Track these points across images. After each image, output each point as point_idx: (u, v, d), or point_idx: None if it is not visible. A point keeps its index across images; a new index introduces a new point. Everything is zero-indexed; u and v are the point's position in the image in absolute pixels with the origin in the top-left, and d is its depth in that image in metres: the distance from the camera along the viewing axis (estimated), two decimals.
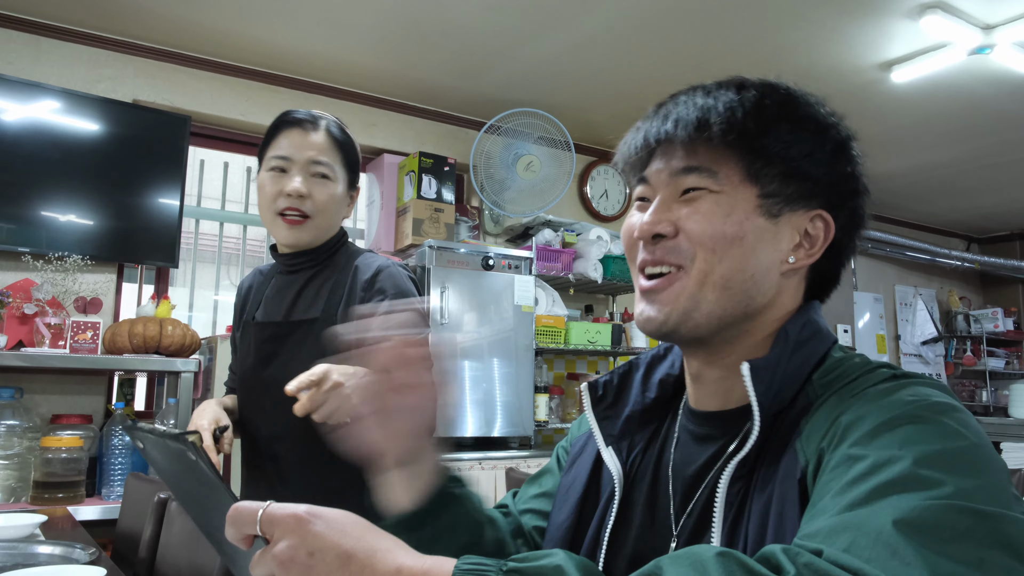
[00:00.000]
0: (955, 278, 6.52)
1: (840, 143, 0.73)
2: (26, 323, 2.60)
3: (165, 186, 3.05)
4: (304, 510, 0.53)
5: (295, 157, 1.41)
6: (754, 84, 0.73)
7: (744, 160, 0.69)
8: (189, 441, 0.62)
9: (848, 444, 0.57)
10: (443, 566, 0.52)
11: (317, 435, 1.40)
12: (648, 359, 0.83)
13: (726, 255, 0.68)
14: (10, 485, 2.41)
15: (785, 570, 0.47)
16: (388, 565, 0.52)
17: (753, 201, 0.69)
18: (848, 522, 0.49)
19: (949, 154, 4.50)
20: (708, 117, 0.69)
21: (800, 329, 0.69)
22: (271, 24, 3.02)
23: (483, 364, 3.36)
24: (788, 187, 0.70)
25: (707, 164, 0.70)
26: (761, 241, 0.69)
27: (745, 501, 0.65)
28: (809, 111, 0.72)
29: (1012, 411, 5.37)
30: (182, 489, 0.74)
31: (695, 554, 0.49)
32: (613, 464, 0.77)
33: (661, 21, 2.96)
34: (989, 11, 2.87)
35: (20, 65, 2.91)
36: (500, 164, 3.77)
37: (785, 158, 0.69)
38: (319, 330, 1.40)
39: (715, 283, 0.69)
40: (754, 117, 0.69)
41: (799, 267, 0.71)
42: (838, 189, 0.72)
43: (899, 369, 0.66)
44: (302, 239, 1.44)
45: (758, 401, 0.65)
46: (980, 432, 0.56)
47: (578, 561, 0.52)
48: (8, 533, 1.57)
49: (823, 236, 0.71)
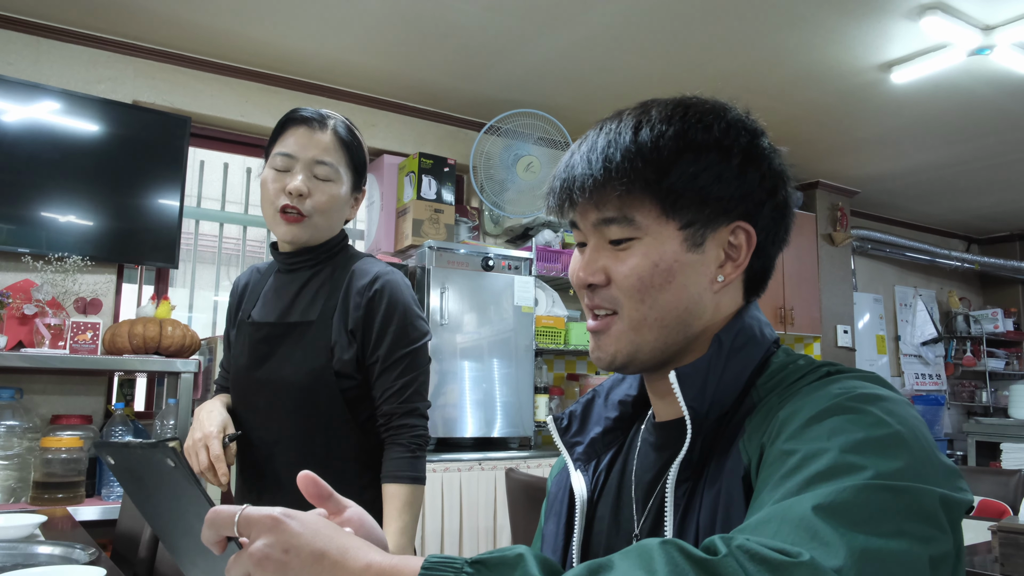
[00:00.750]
0: (955, 279, 6.52)
1: (746, 151, 0.72)
2: (26, 324, 2.60)
3: (165, 187, 3.05)
4: (280, 511, 0.55)
5: (299, 156, 1.41)
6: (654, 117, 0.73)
7: (655, 199, 0.71)
8: (169, 448, 0.62)
9: (783, 439, 0.60)
10: (411, 563, 0.54)
11: (313, 437, 1.40)
12: (608, 385, 0.88)
13: (657, 301, 0.71)
14: (10, 485, 2.41)
15: (720, 551, 0.50)
16: (358, 562, 0.54)
17: (676, 236, 0.71)
18: (775, 513, 0.53)
19: (949, 154, 4.51)
20: (610, 172, 0.70)
21: (734, 337, 0.72)
22: (271, 24, 3.02)
23: (483, 364, 3.36)
24: (704, 211, 0.71)
25: (622, 213, 0.71)
26: (691, 275, 0.72)
27: (693, 500, 0.69)
28: (709, 135, 0.72)
29: (1012, 411, 5.36)
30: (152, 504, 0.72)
31: (641, 546, 0.52)
32: (579, 486, 0.82)
33: (661, 21, 2.96)
34: (989, 12, 2.87)
35: (20, 66, 2.91)
36: (500, 165, 3.77)
37: (692, 189, 0.70)
38: (314, 332, 1.39)
39: (651, 325, 0.72)
40: (653, 163, 0.70)
41: (728, 283, 0.74)
42: (753, 197, 0.73)
43: (838, 366, 0.69)
44: (300, 237, 1.43)
45: (688, 405, 0.69)
46: (907, 418, 0.59)
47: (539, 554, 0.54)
48: (8, 533, 1.57)
49: (746, 245, 0.73)
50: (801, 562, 0.48)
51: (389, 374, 1.38)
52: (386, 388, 1.38)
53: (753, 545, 0.50)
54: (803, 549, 0.49)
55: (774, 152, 0.75)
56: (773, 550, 0.49)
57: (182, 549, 0.70)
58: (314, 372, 1.37)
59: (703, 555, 0.50)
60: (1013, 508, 2.17)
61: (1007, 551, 1.51)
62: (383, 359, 1.38)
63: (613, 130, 0.74)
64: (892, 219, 5.98)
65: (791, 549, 0.49)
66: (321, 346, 1.38)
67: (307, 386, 1.37)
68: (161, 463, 0.63)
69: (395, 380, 1.38)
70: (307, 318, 1.41)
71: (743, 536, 0.52)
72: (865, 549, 0.49)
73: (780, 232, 0.76)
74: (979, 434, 5.31)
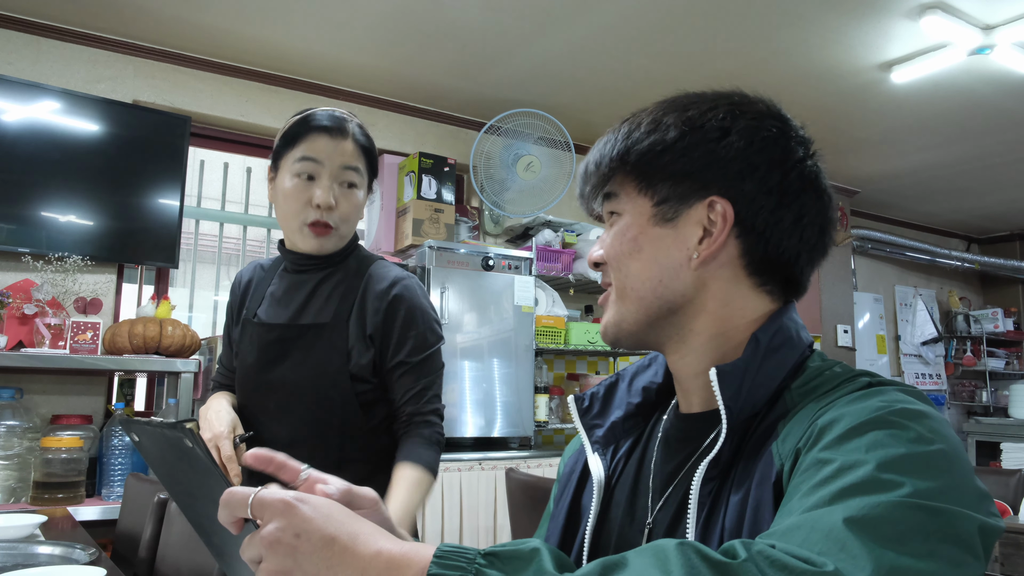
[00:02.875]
0: (955, 278, 6.52)
1: (722, 128, 0.73)
2: (26, 323, 2.60)
3: (165, 186, 3.05)
4: (292, 495, 0.56)
5: (326, 163, 1.37)
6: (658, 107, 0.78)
7: (634, 176, 0.76)
8: (187, 428, 0.64)
9: (820, 448, 0.60)
10: (422, 551, 0.54)
11: (326, 438, 1.39)
12: (633, 370, 0.88)
13: (629, 270, 0.76)
14: (10, 485, 2.41)
15: (739, 555, 0.49)
16: (369, 548, 0.54)
17: (648, 212, 0.75)
18: (804, 521, 0.52)
19: (949, 154, 4.50)
20: (603, 153, 0.78)
21: (771, 336, 0.71)
22: (271, 24, 3.02)
23: (483, 364, 3.36)
24: (679, 188, 0.74)
25: (611, 189, 0.78)
26: (660, 248, 0.75)
27: (718, 501, 0.68)
28: (681, 115, 0.74)
29: (1012, 411, 5.37)
30: (175, 481, 0.75)
31: (657, 545, 0.52)
32: (596, 468, 0.81)
33: (661, 21, 2.96)
34: (989, 11, 2.87)
35: (20, 65, 2.91)
36: (500, 165, 3.77)
37: (659, 164, 0.74)
38: (328, 335, 1.38)
39: (627, 295, 0.76)
40: (627, 143, 0.76)
41: (707, 256, 0.73)
42: (724, 171, 0.73)
43: (878, 377, 0.68)
44: (327, 248, 1.42)
45: (725, 405, 0.68)
46: (948, 438, 0.58)
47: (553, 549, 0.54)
48: (8, 533, 1.57)
49: (721, 221, 0.73)
50: (825, 572, 0.47)
51: (410, 376, 1.39)
52: (407, 389, 1.39)
53: (775, 553, 0.49)
54: (828, 560, 0.48)
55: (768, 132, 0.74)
56: (796, 558, 0.48)
57: (205, 526, 0.72)
58: (329, 375, 1.36)
59: (721, 558, 0.49)
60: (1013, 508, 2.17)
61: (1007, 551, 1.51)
62: (404, 362, 1.39)
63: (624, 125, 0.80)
64: (892, 219, 5.98)
65: (816, 559, 0.48)
66: (337, 349, 1.37)
67: (322, 389, 1.36)
68: (179, 442, 0.65)
69: (416, 381, 1.39)
70: (320, 320, 1.40)
71: (766, 542, 0.51)
72: (893, 567, 0.48)
73: (782, 216, 0.73)
74: (979, 434, 5.32)
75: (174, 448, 0.67)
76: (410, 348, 1.39)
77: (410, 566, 0.53)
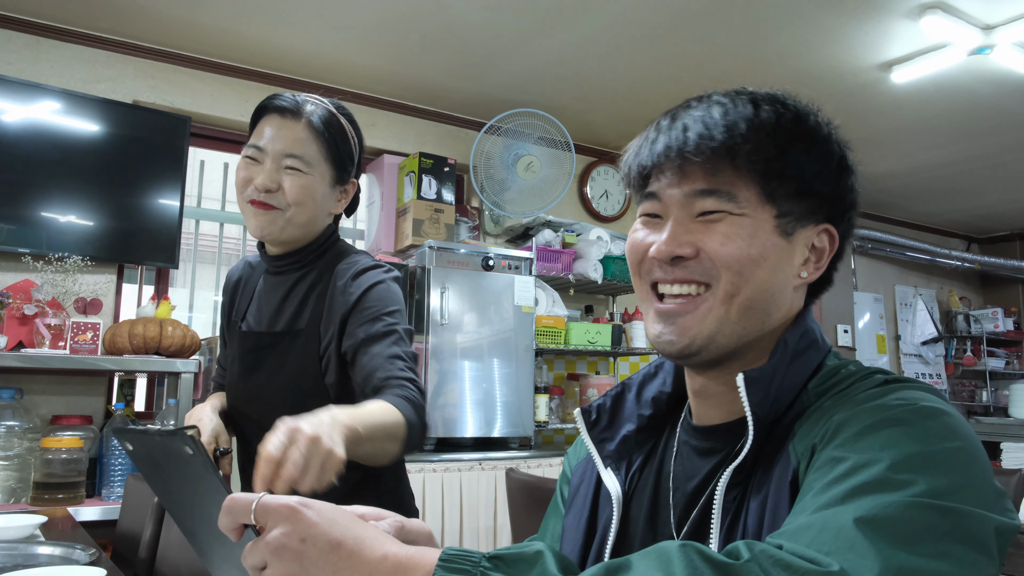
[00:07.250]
0: (955, 278, 6.52)
1: (842, 157, 0.75)
2: (26, 324, 2.60)
3: (165, 187, 3.05)
4: (297, 500, 0.56)
5: (268, 148, 1.33)
6: (764, 98, 0.73)
7: (762, 181, 0.70)
8: (188, 436, 0.62)
9: (834, 445, 0.59)
10: (427, 555, 0.54)
11: None
12: (639, 379, 0.85)
13: (752, 277, 0.69)
14: (10, 486, 2.41)
15: (742, 556, 0.49)
16: (375, 552, 0.54)
17: (771, 222, 0.70)
18: (815, 521, 0.52)
19: (949, 154, 4.50)
20: (734, 141, 0.69)
21: (799, 339, 0.71)
22: (271, 24, 3.02)
23: (483, 364, 3.35)
24: (800, 205, 0.71)
25: (727, 187, 0.70)
26: (780, 260, 0.71)
27: (742, 506, 0.67)
28: (818, 129, 0.74)
29: (1012, 411, 5.37)
30: (169, 490, 0.73)
31: (660, 547, 0.52)
32: (612, 485, 0.79)
33: (661, 21, 2.96)
34: (989, 11, 2.87)
35: (20, 65, 2.91)
36: (500, 165, 3.77)
37: (799, 178, 0.71)
38: (304, 342, 1.34)
39: (740, 304, 0.70)
40: (775, 139, 0.70)
41: (810, 281, 0.74)
42: (842, 203, 0.74)
43: (893, 374, 0.67)
44: (272, 232, 1.34)
45: (753, 411, 0.67)
46: (966, 436, 0.58)
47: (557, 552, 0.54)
48: (8, 534, 1.57)
49: (829, 248, 0.74)
50: (829, 572, 0.47)
51: (380, 343, 1.27)
52: (377, 354, 1.25)
53: (780, 554, 0.49)
54: (835, 560, 0.48)
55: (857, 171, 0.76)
56: (801, 558, 0.48)
57: (199, 535, 0.71)
58: (304, 385, 1.33)
59: (724, 559, 0.49)
60: None
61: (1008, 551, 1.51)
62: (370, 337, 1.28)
63: (727, 104, 0.72)
64: (892, 219, 5.98)
65: (821, 559, 0.48)
66: (309, 357, 1.33)
67: (298, 398, 1.31)
68: (179, 450, 0.64)
69: (389, 347, 1.26)
70: (295, 327, 1.36)
71: (774, 542, 0.51)
72: (902, 567, 0.48)
73: (845, 247, 0.76)
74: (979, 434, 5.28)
75: (171, 456, 0.66)
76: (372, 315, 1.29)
77: (416, 569, 0.53)
